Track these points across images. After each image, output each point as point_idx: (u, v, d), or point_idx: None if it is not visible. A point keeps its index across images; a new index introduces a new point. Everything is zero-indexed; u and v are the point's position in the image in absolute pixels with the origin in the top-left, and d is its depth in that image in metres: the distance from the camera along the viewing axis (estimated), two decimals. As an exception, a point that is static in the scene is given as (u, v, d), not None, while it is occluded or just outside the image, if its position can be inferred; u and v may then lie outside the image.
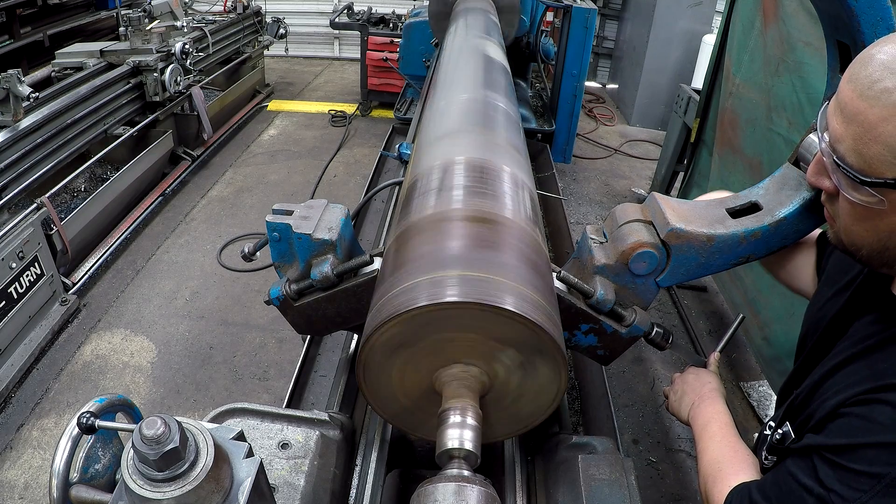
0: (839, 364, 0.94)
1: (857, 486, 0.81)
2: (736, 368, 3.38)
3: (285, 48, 8.65)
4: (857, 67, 0.80)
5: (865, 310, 0.96)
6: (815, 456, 0.88)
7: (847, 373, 0.91)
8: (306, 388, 1.90)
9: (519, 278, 1.06)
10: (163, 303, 3.70)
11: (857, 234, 0.87)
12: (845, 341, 0.97)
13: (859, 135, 0.78)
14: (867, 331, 0.93)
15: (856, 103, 0.78)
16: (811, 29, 2.53)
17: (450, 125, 1.70)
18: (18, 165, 3.42)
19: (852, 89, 0.79)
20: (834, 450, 0.85)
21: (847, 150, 0.80)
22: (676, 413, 1.35)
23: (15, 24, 6.38)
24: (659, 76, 6.51)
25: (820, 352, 1.04)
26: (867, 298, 0.98)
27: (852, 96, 0.79)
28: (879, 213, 0.81)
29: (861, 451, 0.82)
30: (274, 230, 1.34)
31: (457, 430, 0.97)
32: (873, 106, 0.76)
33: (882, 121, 0.75)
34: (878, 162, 0.77)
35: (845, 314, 1.02)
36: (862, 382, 0.87)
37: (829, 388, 0.93)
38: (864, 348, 0.91)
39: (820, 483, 0.85)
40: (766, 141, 2.89)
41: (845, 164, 0.80)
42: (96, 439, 0.88)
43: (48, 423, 2.86)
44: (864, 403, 0.85)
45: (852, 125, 0.79)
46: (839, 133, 0.81)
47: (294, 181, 5.25)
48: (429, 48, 4.75)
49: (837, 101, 0.82)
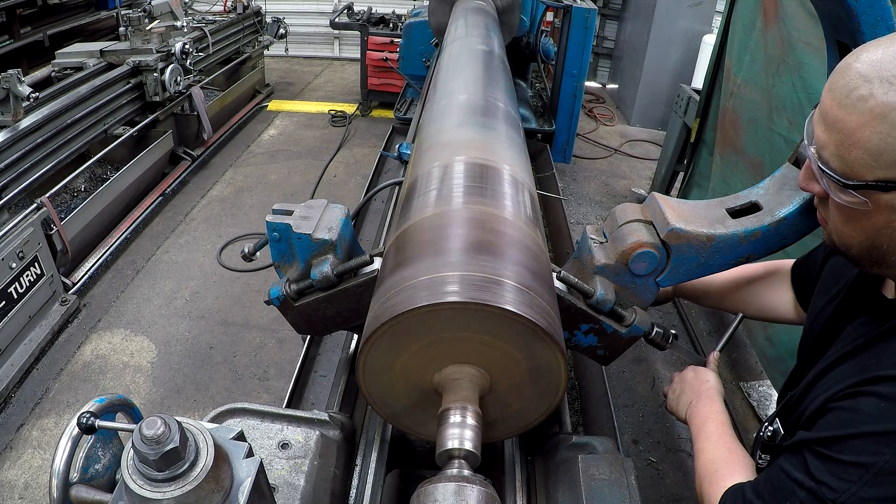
0: (831, 364, 0.97)
1: (846, 477, 0.83)
2: (736, 368, 3.38)
3: (285, 48, 8.64)
4: (835, 77, 0.84)
5: (857, 313, 1.00)
6: (805, 450, 0.90)
7: (838, 371, 0.94)
8: (306, 388, 1.90)
9: (519, 278, 1.06)
10: (163, 303, 3.70)
11: (846, 235, 0.91)
12: (838, 343, 1.00)
13: (840, 141, 0.82)
14: (858, 332, 0.96)
15: (835, 111, 0.82)
16: (812, 29, 2.53)
17: (450, 125, 1.70)
18: (18, 165, 3.42)
19: (832, 98, 0.83)
20: (822, 442, 0.87)
21: (831, 156, 0.84)
22: (674, 411, 1.36)
23: (15, 24, 6.38)
24: (659, 76, 6.51)
25: (815, 355, 1.07)
26: (859, 302, 1.02)
27: (832, 105, 0.83)
28: (865, 213, 0.84)
29: (849, 442, 0.84)
30: (274, 230, 1.34)
31: (457, 430, 0.97)
32: (851, 113, 0.79)
33: (860, 127, 0.79)
34: (859, 165, 0.80)
35: (838, 318, 1.05)
36: (850, 377, 0.89)
37: (820, 388, 0.96)
38: (853, 348, 0.94)
39: (810, 476, 0.87)
40: (767, 141, 2.89)
41: (830, 169, 0.84)
42: (96, 439, 0.88)
43: (48, 423, 2.86)
44: (850, 397, 0.87)
45: (833, 132, 0.82)
46: (822, 140, 0.85)
47: (294, 181, 5.25)
48: (429, 48, 4.75)
49: (820, 110, 0.86)
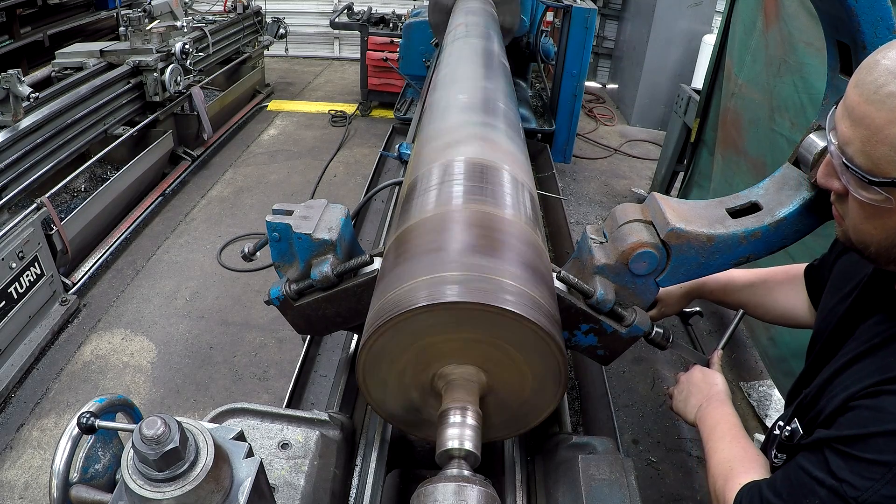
0: (847, 363, 0.96)
1: (868, 475, 0.82)
2: (737, 368, 3.38)
3: (285, 48, 8.64)
4: (862, 73, 0.83)
5: (871, 311, 0.99)
6: (826, 449, 0.89)
7: (855, 370, 0.94)
8: (306, 388, 1.89)
9: (519, 278, 1.06)
10: (163, 303, 3.70)
11: (865, 232, 0.90)
12: (852, 342, 0.99)
13: (867, 137, 0.81)
14: (873, 331, 0.95)
15: (862, 107, 0.81)
16: (813, 30, 2.53)
17: (450, 125, 1.70)
18: (18, 165, 3.42)
19: (859, 94, 0.82)
20: (844, 441, 0.86)
21: (855, 152, 0.83)
22: (682, 413, 1.36)
23: (15, 24, 6.39)
24: (659, 76, 6.51)
25: (828, 353, 1.06)
26: (872, 300, 1.01)
27: (859, 101, 0.82)
28: (887, 210, 0.84)
29: (871, 441, 0.83)
30: (274, 230, 1.34)
31: (457, 430, 0.97)
32: (879, 109, 0.79)
33: (888, 123, 0.78)
34: (885, 162, 0.80)
35: (851, 316, 1.05)
36: (870, 376, 0.89)
37: (837, 386, 0.95)
38: (870, 347, 0.93)
39: (831, 474, 0.86)
40: (769, 141, 2.89)
41: (854, 166, 0.84)
42: (96, 439, 0.88)
43: (48, 423, 2.86)
44: (872, 395, 0.87)
45: (860, 128, 0.82)
46: (847, 136, 0.84)
47: (294, 181, 5.25)
48: (429, 48, 4.75)
49: (845, 106, 0.85)
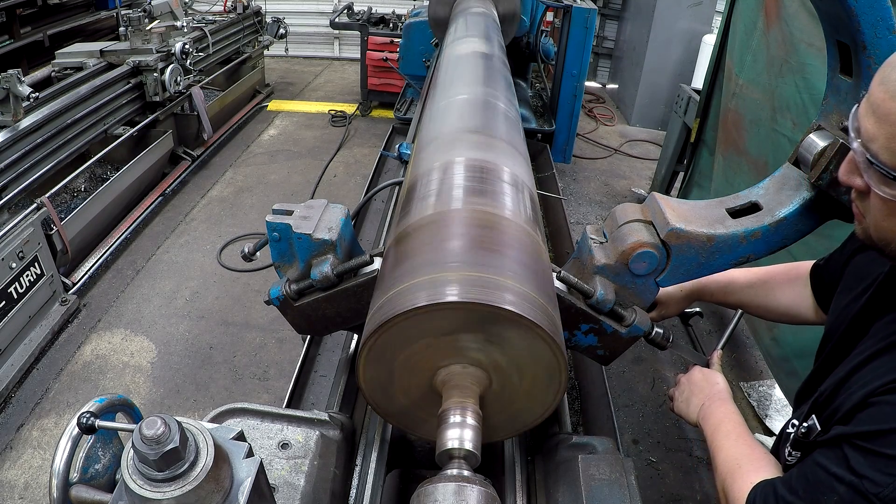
0: (864, 360, 0.95)
1: (889, 471, 0.82)
2: (737, 368, 3.38)
3: (285, 48, 8.65)
4: (887, 71, 0.84)
5: (885, 310, 0.99)
6: (845, 445, 0.88)
7: (873, 367, 0.93)
8: (306, 388, 1.89)
9: (519, 278, 1.06)
10: (163, 303, 3.70)
11: (887, 230, 0.90)
12: (868, 340, 0.99)
13: (892, 133, 0.81)
14: (889, 329, 0.95)
15: (888, 104, 0.81)
16: (814, 30, 2.52)
17: (450, 125, 1.70)
18: (18, 165, 3.42)
19: (884, 91, 0.82)
20: (864, 436, 0.86)
21: (880, 149, 0.83)
22: (684, 414, 1.35)
23: (15, 24, 6.39)
24: (659, 76, 6.51)
25: (841, 352, 1.06)
26: (887, 299, 1.01)
27: (884, 98, 0.82)
28: None
29: (892, 436, 0.83)
30: (274, 230, 1.34)
31: (457, 430, 0.97)
32: None
33: None
34: None
35: (865, 315, 1.04)
36: (889, 373, 0.88)
37: (855, 383, 0.94)
38: (888, 344, 0.93)
39: (851, 470, 0.85)
40: (770, 142, 2.88)
41: (878, 162, 0.84)
42: (96, 439, 0.88)
43: (48, 423, 2.86)
44: (893, 392, 0.86)
45: (885, 125, 0.82)
46: (872, 133, 0.84)
47: (294, 181, 5.25)
48: (429, 48, 4.75)
49: (869, 103, 0.86)
